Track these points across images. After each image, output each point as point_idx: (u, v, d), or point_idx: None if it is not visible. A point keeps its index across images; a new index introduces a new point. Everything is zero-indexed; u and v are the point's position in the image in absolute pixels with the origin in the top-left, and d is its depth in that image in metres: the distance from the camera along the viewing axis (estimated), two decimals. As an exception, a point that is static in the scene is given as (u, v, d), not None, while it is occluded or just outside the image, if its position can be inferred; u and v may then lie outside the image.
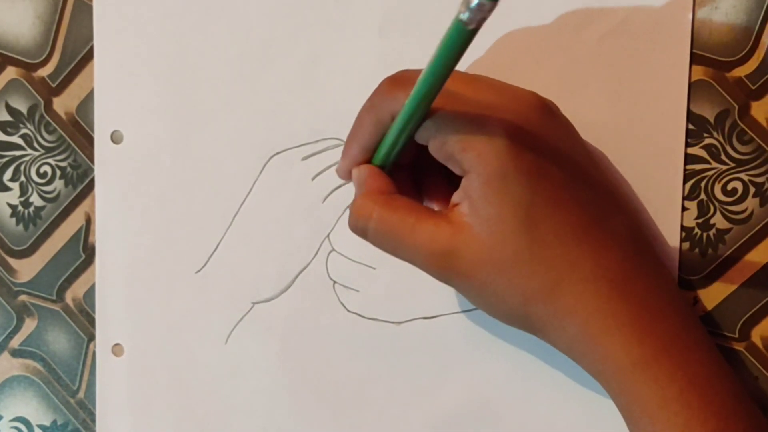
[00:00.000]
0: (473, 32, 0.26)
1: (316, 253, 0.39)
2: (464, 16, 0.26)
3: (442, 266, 0.31)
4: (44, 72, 0.40)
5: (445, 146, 0.31)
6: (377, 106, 0.32)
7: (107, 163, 0.40)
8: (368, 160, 0.33)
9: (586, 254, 0.31)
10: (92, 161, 0.40)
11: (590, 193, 0.32)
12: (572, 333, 0.31)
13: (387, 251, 0.33)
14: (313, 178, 0.39)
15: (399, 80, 0.32)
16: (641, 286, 0.32)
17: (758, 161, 0.36)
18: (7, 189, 0.41)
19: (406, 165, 0.34)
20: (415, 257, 0.32)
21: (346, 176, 0.34)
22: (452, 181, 0.32)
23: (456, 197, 0.31)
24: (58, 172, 0.40)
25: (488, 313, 0.33)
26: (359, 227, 0.33)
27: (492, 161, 0.30)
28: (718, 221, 0.37)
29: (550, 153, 0.31)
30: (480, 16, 0.25)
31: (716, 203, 0.37)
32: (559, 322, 0.31)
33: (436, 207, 0.34)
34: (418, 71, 0.30)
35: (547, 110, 0.32)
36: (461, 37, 0.27)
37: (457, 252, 0.31)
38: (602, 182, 0.33)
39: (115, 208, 0.40)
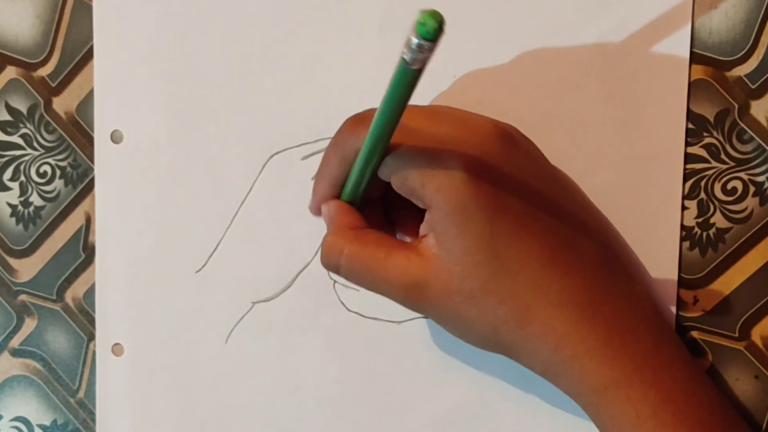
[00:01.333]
0: (418, 72, 0.26)
1: (316, 253, 0.39)
2: (407, 56, 0.26)
3: (414, 297, 0.32)
4: (44, 72, 0.40)
5: (407, 182, 0.31)
6: (341, 143, 0.33)
7: (107, 162, 0.40)
8: (337, 196, 0.34)
9: (552, 280, 0.31)
10: (92, 161, 0.40)
11: (554, 218, 0.32)
12: (544, 357, 0.32)
13: (360, 285, 0.33)
14: (312, 178, 0.39)
15: (361, 119, 0.32)
16: (610, 308, 0.32)
17: (758, 160, 0.36)
18: (7, 189, 0.41)
19: (375, 198, 0.35)
20: (388, 290, 0.32)
21: (317, 212, 0.35)
22: (421, 211, 0.32)
23: (423, 229, 0.32)
24: (58, 172, 0.40)
25: (463, 340, 0.33)
26: (331, 264, 0.33)
27: (451, 195, 0.30)
28: (718, 220, 0.37)
29: (510, 183, 0.31)
30: (421, 56, 0.25)
31: (716, 202, 0.37)
32: (531, 346, 0.31)
33: (408, 239, 0.35)
34: (374, 110, 0.30)
35: (508, 139, 0.32)
36: (407, 77, 0.27)
37: (427, 283, 0.31)
38: (569, 207, 0.33)
39: (115, 208, 0.40)
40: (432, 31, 0.24)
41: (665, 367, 0.32)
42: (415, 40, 0.25)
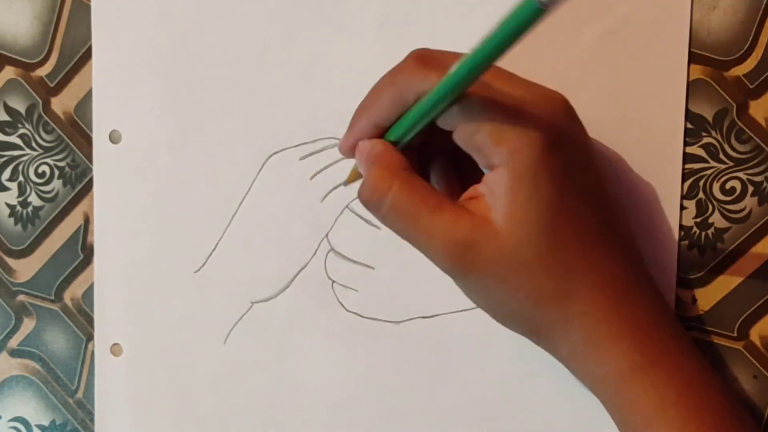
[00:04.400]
0: (542, 13, 0.24)
1: (315, 253, 0.39)
2: None
3: (457, 258, 0.30)
4: (42, 72, 0.40)
5: (475, 137, 0.29)
6: (401, 83, 0.30)
7: (106, 162, 0.40)
8: (378, 137, 0.32)
9: (599, 260, 0.31)
10: (90, 161, 0.40)
11: (603, 201, 0.32)
12: (577, 338, 0.31)
13: (398, 232, 0.31)
14: (311, 178, 0.39)
15: (428, 59, 0.30)
16: (640, 296, 0.32)
17: (756, 160, 0.36)
18: (5, 189, 0.41)
19: (414, 146, 0.32)
20: (429, 243, 0.30)
21: (350, 150, 0.32)
22: (459, 167, 0.31)
23: (479, 189, 0.30)
24: (57, 172, 0.40)
25: (490, 313, 0.32)
26: (374, 200, 0.31)
27: (525, 158, 0.29)
28: (717, 220, 0.37)
29: (575, 158, 0.31)
30: None
31: (715, 202, 0.37)
32: (566, 326, 0.31)
33: None
34: (445, 53, 0.28)
35: (573, 113, 0.32)
36: (529, 16, 0.25)
37: (476, 245, 0.30)
38: (608, 191, 0.33)
39: (113, 208, 0.40)
40: None
41: (686, 356, 0.32)
42: None
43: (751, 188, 0.37)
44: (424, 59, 0.30)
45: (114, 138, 0.40)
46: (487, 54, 0.27)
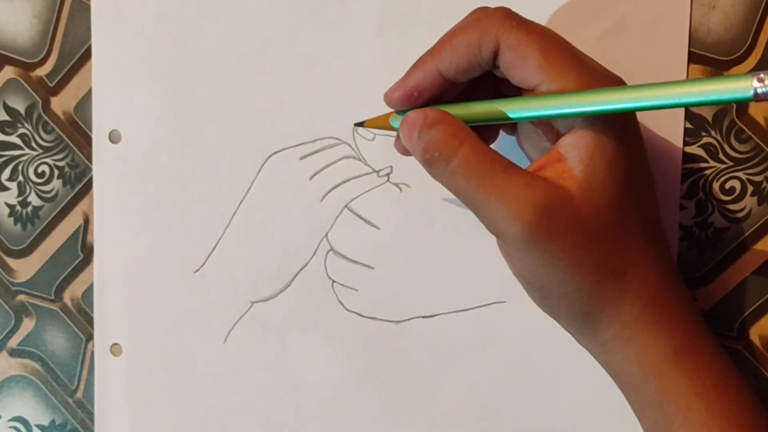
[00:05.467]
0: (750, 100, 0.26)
1: (315, 253, 0.39)
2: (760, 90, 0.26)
3: (533, 222, 0.28)
4: (42, 71, 0.40)
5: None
6: (484, 29, 0.30)
7: (105, 162, 0.40)
8: (433, 90, 0.31)
9: (655, 242, 0.31)
10: (90, 161, 0.40)
11: (653, 192, 0.32)
12: (627, 318, 0.31)
13: (465, 191, 0.30)
14: (311, 178, 0.39)
15: (515, 16, 0.30)
16: (679, 284, 0.32)
17: (756, 160, 0.36)
18: (5, 189, 0.41)
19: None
20: (501, 203, 0.29)
21: (401, 99, 0.31)
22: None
23: (555, 153, 0.30)
24: (56, 172, 0.40)
25: (544, 293, 0.31)
26: (443, 155, 0.29)
27: (610, 125, 0.29)
28: (717, 220, 0.37)
29: (638, 143, 0.31)
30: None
31: (714, 202, 0.37)
32: (618, 305, 0.31)
33: None
34: (527, 21, 0.30)
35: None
36: (736, 99, 0.27)
37: (553, 210, 0.28)
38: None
39: (113, 208, 0.40)
40: None
41: (718, 346, 0.32)
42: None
43: (750, 188, 0.37)
44: (512, 15, 0.30)
45: (114, 138, 0.40)
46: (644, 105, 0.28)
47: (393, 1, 0.38)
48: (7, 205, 0.41)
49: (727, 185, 0.37)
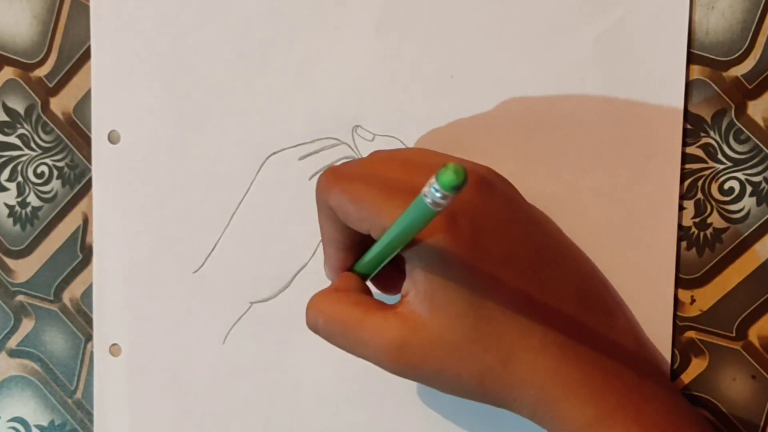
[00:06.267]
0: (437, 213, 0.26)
1: (314, 253, 0.39)
2: (429, 199, 0.25)
3: (393, 359, 0.31)
4: (41, 72, 0.40)
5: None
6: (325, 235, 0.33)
7: (104, 163, 0.40)
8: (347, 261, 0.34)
9: (533, 324, 0.31)
10: (89, 161, 0.40)
11: (532, 260, 0.32)
12: (530, 401, 0.31)
13: (340, 346, 0.32)
14: (310, 178, 0.39)
15: (339, 174, 0.32)
16: (591, 346, 0.32)
17: (755, 160, 0.36)
18: (4, 189, 0.41)
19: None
20: (365, 351, 0.32)
21: (334, 276, 0.35)
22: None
23: (404, 288, 0.31)
24: (56, 172, 0.40)
25: (453, 395, 0.32)
26: (311, 325, 0.33)
27: (429, 249, 0.30)
28: (715, 220, 0.37)
29: (487, 230, 0.31)
30: (444, 203, 0.25)
31: (713, 202, 0.37)
32: (517, 392, 0.31)
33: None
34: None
35: (484, 185, 0.32)
36: (426, 215, 0.27)
37: (407, 343, 0.31)
38: (546, 246, 0.33)
39: (112, 208, 0.40)
40: (459, 184, 0.24)
41: (647, 401, 0.32)
42: (439, 192, 0.25)
43: (749, 188, 0.37)
44: (327, 174, 0.32)
45: (113, 138, 0.40)
46: (393, 242, 0.30)
47: (392, 2, 0.38)
48: (7, 205, 0.41)
49: (726, 186, 0.37)
